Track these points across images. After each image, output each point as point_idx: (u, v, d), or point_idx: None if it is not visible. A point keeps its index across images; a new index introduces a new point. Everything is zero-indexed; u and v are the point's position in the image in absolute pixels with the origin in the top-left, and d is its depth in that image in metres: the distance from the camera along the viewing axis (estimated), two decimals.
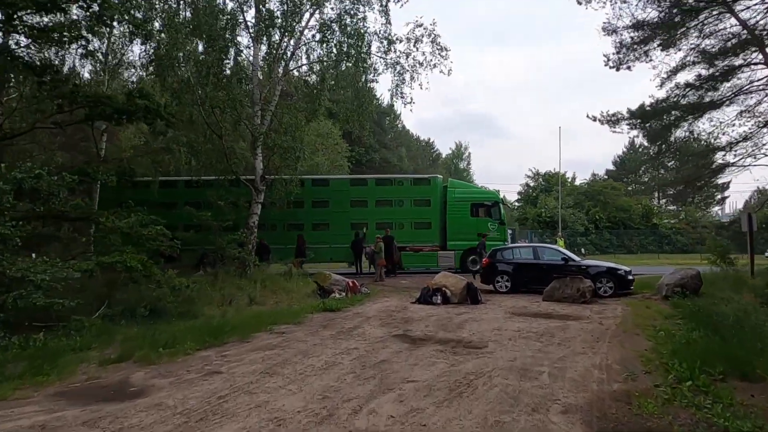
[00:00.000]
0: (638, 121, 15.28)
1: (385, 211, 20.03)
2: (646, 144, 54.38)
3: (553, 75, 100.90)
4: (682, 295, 11.09)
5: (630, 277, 13.34)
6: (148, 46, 15.65)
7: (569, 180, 49.11)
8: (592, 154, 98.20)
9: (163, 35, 14.47)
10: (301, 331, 8.79)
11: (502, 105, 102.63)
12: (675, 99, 14.06)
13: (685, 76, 24.23)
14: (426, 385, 5.39)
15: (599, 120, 16.87)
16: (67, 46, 12.20)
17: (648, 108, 14.68)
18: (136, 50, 36.22)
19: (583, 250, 28.85)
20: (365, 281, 16.80)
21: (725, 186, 51.69)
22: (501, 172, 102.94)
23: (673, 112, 14.32)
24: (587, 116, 16.86)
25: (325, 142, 33.64)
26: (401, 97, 17.07)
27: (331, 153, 33.18)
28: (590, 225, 35.61)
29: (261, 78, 16.87)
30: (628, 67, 16.31)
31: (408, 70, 16.78)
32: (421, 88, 17.15)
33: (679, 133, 14.98)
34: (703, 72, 13.82)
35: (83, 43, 12.00)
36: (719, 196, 50.32)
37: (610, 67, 16.54)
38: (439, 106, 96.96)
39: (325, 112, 24.06)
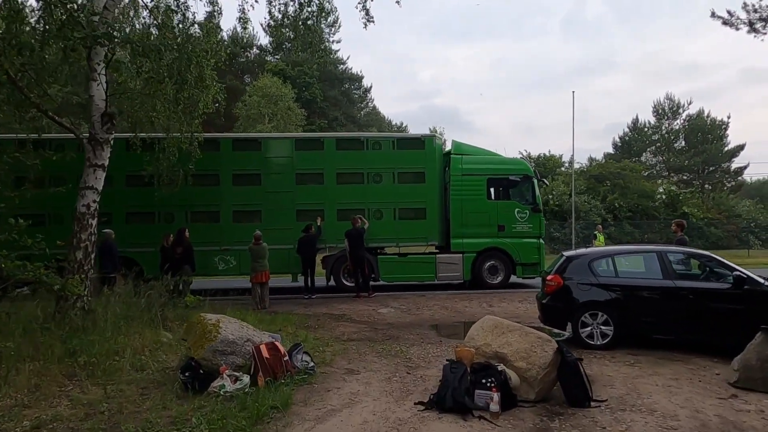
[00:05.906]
0: None
1: (352, 191, 12.37)
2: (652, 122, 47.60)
3: (517, 71, 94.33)
4: None
5: None
6: None
7: (566, 164, 42.48)
8: (558, 150, 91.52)
9: None
10: None
11: (468, 100, 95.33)
12: None
13: None
14: None
15: (728, 22, 9.57)
16: None
17: None
18: None
19: None
20: (319, 313, 9.05)
21: (740, 171, 46.80)
22: None
23: None
24: (712, 14, 9.61)
25: (274, 108, 25.44)
26: None
27: (280, 120, 24.93)
28: (608, 215, 28.87)
29: None
30: None
31: None
32: None
33: None
34: None
35: None
36: (732, 183, 45.06)
37: None
38: (406, 101, 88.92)
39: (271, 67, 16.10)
